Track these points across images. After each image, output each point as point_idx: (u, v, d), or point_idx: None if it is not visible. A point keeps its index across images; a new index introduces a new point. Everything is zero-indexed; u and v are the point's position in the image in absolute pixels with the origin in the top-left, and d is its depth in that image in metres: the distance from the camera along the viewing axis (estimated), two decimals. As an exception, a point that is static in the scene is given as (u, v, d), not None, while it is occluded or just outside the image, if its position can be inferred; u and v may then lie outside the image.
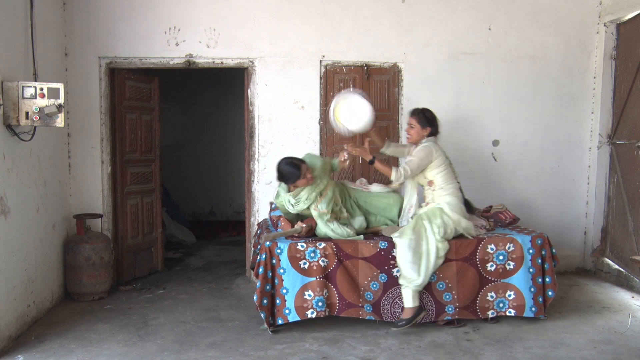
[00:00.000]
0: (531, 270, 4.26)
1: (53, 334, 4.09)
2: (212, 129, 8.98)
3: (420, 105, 4.63)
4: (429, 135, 4.37)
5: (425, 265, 4.08)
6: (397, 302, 4.18)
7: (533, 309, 4.25)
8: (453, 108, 5.58)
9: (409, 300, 4.09)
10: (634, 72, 5.13)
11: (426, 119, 4.36)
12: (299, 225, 4.28)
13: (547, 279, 4.29)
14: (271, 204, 5.11)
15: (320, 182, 4.33)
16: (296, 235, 4.27)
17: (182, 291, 5.20)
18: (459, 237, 4.28)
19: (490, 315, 4.26)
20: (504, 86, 5.68)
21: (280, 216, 4.46)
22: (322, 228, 4.28)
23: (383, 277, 4.17)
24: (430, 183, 4.35)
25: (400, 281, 4.11)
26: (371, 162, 4.34)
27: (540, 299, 4.27)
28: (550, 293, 4.29)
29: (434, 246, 4.11)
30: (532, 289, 4.25)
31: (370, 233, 4.47)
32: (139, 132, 5.57)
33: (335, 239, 4.21)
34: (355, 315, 4.16)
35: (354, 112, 4.30)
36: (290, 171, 4.23)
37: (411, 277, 4.05)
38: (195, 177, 8.98)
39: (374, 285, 4.17)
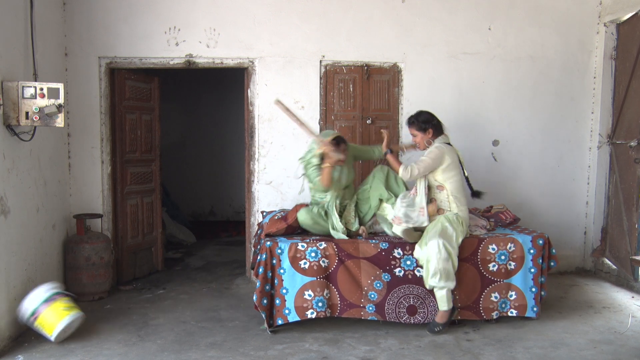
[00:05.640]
0: (532, 270, 4.25)
1: (53, 334, 4.09)
2: (212, 129, 8.97)
3: (420, 106, 4.62)
4: (434, 136, 4.30)
5: (454, 260, 4.06)
6: (402, 302, 4.16)
7: (535, 308, 4.25)
8: (453, 108, 5.58)
9: (445, 302, 4.04)
10: (630, 71, 5.14)
11: (422, 123, 4.29)
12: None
13: (542, 279, 4.29)
14: (262, 212, 5.22)
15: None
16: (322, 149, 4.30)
17: (182, 291, 5.20)
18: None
19: (495, 317, 4.24)
20: (504, 86, 5.68)
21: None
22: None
23: (386, 277, 4.15)
24: (441, 187, 4.24)
25: (434, 282, 4.02)
26: (387, 153, 4.39)
27: (540, 299, 4.28)
28: (542, 293, 4.30)
29: (455, 244, 4.10)
30: (533, 289, 4.25)
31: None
32: (139, 132, 5.57)
33: (337, 239, 4.21)
34: (357, 316, 4.16)
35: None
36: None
37: (449, 269, 3.99)
38: (195, 177, 8.98)
39: (378, 285, 4.14)
